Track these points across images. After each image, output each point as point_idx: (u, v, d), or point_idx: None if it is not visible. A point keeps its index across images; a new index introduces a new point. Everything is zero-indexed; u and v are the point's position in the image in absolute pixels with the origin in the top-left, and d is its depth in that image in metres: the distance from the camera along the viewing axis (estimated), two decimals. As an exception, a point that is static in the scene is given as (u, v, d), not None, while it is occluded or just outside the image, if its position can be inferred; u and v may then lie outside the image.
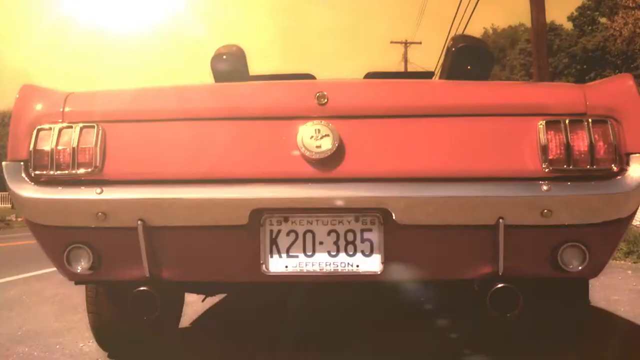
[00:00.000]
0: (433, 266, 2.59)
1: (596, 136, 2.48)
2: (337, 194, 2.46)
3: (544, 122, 2.50)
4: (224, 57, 3.37)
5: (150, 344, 3.44)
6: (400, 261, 2.53)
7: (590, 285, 4.40)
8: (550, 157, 2.48)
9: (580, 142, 2.49)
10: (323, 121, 2.52)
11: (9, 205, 45.58)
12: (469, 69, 3.26)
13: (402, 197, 2.45)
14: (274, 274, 2.53)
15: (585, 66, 45.48)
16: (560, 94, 2.65)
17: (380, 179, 2.49)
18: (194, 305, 4.56)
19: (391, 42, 46.65)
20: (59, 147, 2.59)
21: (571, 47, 46.17)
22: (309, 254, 2.53)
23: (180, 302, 3.60)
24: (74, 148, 2.58)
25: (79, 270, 2.68)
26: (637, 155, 2.49)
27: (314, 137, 2.49)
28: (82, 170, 2.58)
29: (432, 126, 2.55)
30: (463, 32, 21.35)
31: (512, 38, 60.84)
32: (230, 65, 3.32)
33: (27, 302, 5.40)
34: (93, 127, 2.60)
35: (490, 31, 64.59)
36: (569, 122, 2.50)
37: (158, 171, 2.57)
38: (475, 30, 66.02)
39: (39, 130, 2.64)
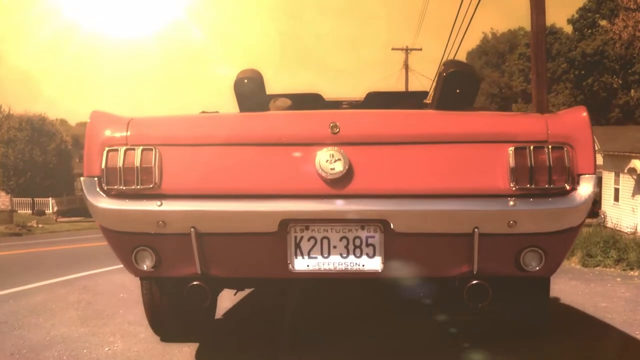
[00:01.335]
0: (423, 266, 3.22)
1: (554, 160, 3.07)
2: (347, 207, 3.09)
3: (513, 148, 3.08)
4: (245, 81, 3.81)
5: (194, 328, 4.20)
6: (396, 262, 3.18)
7: (579, 293, 4.96)
8: (517, 177, 3.06)
9: (541, 165, 3.06)
10: (336, 147, 3.13)
11: (29, 212, 45.90)
12: (457, 92, 3.69)
13: (398, 211, 3.08)
14: (298, 272, 3.18)
15: (583, 71, 45.68)
16: (527, 124, 3.22)
17: (381, 195, 3.10)
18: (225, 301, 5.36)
19: (392, 49, 46.72)
20: (125, 166, 3.17)
21: (570, 52, 46.33)
22: (325, 255, 3.18)
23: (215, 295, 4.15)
24: (137, 167, 3.17)
25: (144, 268, 3.30)
26: (586, 176, 3.09)
27: (328, 161, 3.11)
28: (144, 186, 3.16)
29: (422, 152, 3.16)
30: (463, 37, 22.11)
31: (511, 43, 60.89)
32: (251, 88, 3.78)
33: (53, 308, 5.59)
34: (152, 149, 3.18)
35: (490, 35, 64.71)
36: (533, 148, 3.08)
37: (206, 187, 3.16)
38: (475, 34, 66.26)
39: (108, 151, 3.21)
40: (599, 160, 34.15)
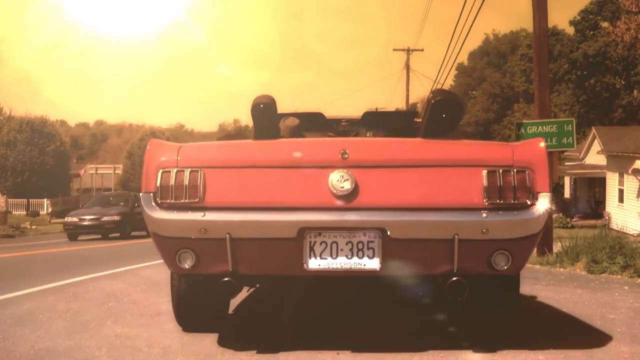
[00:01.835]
0: (413, 265, 3.94)
1: (518, 181, 3.85)
2: (353, 218, 3.85)
3: (486, 171, 3.86)
4: (261, 105, 4.45)
5: (215, 318, 4.80)
6: (392, 262, 3.89)
7: (585, 302, 4.91)
8: (489, 194, 3.84)
9: (508, 185, 3.85)
10: (345, 169, 3.90)
11: (24, 213, 45.81)
12: (444, 117, 4.28)
13: (394, 221, 3.83)
14: (312, 270, 3.90)
15: (585, 72, 45.48)
16: (497, 152, 4.03)
17: (380, 208, 3.86)
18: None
19: (394, 50, 46.67)
20: (176, 184, 3.95)
21: (572, 53, 46.13)
22: (334, 257, 3.90)
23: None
24: (185, 185, 3.94)
25: (185, 267, 4.02)
26: (543, 193, 3.89)
27: (339, 180, 3.87)
28: (190, 200, 3.93)
29: (413, 173, 3.94)
30: (465, 38, 22.26)
31: (513, 44, 60.73)
32: (265, 112, 4.42)
33: (40, 318, 5.39)
34: (197, 171, 3.95)
35: (492, 37, 64.56)
36: (501, 171, 3.87)
37: (240, 201, 3.93)
38: (477, 35, 66.18)
39: (162, 173, 3.99)
40: (603, 160, 34.02)
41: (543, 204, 3.88)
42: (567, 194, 42.38)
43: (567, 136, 13.31)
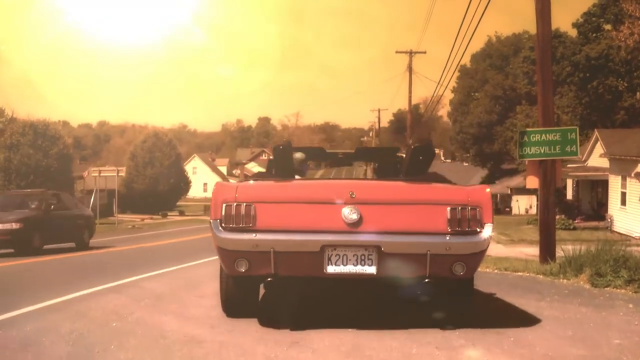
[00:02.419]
0: (399, 271, 5.58)
1: (471, 215, 5.56)
2: (358, 239, 5.54)
3: (449, 208, 5.58)
4: (281, 147, 6.78)
5: (251, 307, 6.34)
6: (384, 269, 5.55)
7: (591, 324, 6.06)
8: (451, 223, 5.55)
9: (464, 218, 5.55)
10: (353, 205, 5.57)
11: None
12: (420, 159, 6.75)
13: (386, 241, 5.52)
14: (329, 273, 5.56)
15: (588, 74, 45.39)
16: (457, 194, 5.76)
17: (376, 232, 5.53)
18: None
19: (396, 52, 46.70)
20: (235, 214, 5.57)
21: (574, 55, 46.04)
22: (345, 265, 5.57)
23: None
24: (242, 215, 5.57)
25: (241, 271, 5.64)
26: (488, 224, 5.62)
27: (349, 213, 5.55)
28: (245, 225, 5.56)
29: (400, 208, 5.68)
30: (469, 41, 22.84)
31: (515, 46, 60.72)
32: (283, 152, 6.75)
33: (43, 342, 5.31)
34: (250, 205, 5.58)
35: (494, 39, 64.58)
36: (460, 208, 5.58)
37: (280, 226, 5.58)
38: (479, 37, 66.05)
39: (225, 205, 5.61)
40: (605, 163, 33.95)
41: (487, 231, 5.65)
42: (569, 195, 42.33)
43: (571, 144, 13.27)
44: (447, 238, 5.51)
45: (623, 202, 31.49)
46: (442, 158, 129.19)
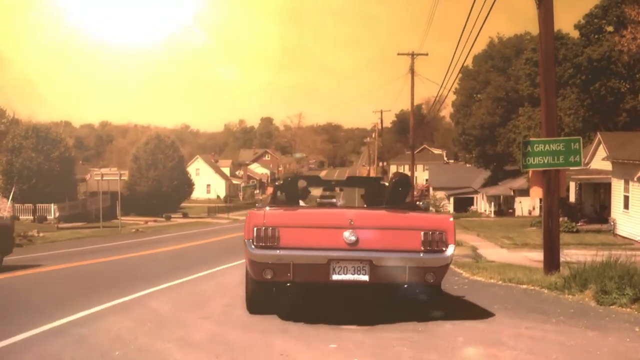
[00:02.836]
0: (385, 279, 7.29)
1: (439, 238, 7.39)
2: (355, 255, 7.28)
3: (423, 232, 7.37)
4: (289, 179, 9.34)
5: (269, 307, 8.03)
6: (375, 277, 7.27)
7: (597, 352, 6.09)
8: (424, 244, 7.34)
9: (433, 240, 7.37)
10: (352, 230, 7.30)
11: (31, 217, 46.09)
12: (400, 190, 8.80)
13: (376, 257, 7.28)
14: (334, 280, 7.27)
15: (590, 76, 45.26)
16: (429, 222, 7.65)
17: (369, 250, 7.30)
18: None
19: (398, 54, 46.57)
20: (263, 235, 7.27)
21: (577, 57, 45.90)
22: (345, 274, 7.29)
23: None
24: (268, 236, 7.27)
25: (267, 278, 7.31)
26: (451, 245, 7.45)
27: (349, 235, 7.27)
28: (271, 244, 7.27)
29: (386, 232, 7.48)
30: (473, 43, 22.81)
31: (517, 47, 60.57)
32: (291, 182, 9.20)
33: None
34: (275, 228, 7.27)
35: (496, 40, 64.44)
36: (431, 232, 7.38)
37: (297, 245, 7.29)
38: (481, 39, 65.89)
39: (256, 229, 7.27)
40: (608, 165, 33.87)
41: (451, 250, 7.51)
42: (572, 198, 42.24)
43: (575, 154, 13.20)
44: (421, 255, 7.42)
45: (626, 206, 31.40)
46: (445, 158, 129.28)
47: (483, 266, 16.16)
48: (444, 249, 7.41)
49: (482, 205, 69.00)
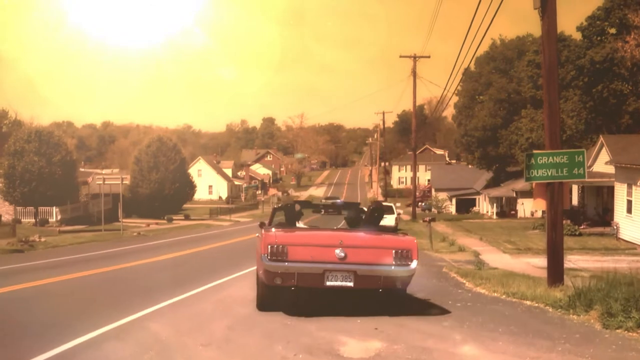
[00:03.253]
0: (366, 284, 9.83)
1: (405, 254, 9.98)
2: (344, 267, 9.74)
3: (393, 250, 9.91)
4: (288, 205, 11.42)
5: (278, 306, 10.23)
6: (358, 284, 9.77)
7: None
8: (395, 259, 9.86)
9: (401, 256, 9.89)
10: (341, 248, 9.78)
11: (32, 220, 46.11)
12: (375, 215, 11.35)
13: (359, 268, 9.77)
14: (327, 285, 9.73)
15: (592, 78, 45.14)
16: (398, 243, 10.10)
17: (354, 263, 9.76)
18: None
19: (400, 57, 46.50)
20: (275, 251, 9.66)
21: (579, 59, 45.80)
22: (335, 281, 9.73)
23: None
24: (279, 252, 9.68)
25: (277, 283, 9.73)
26: (414, 260, 9.95)
27: (339, 252, 9.73)
28: (281, 258, 9.68)
29: (366, 250, 9.99)
30: (478, 46, 22.51)
31: (519, 49, 60.42)
32: (291, 207, 11.39)
33: None
34: (284, 246, 9.68)
35: (498, 42, 64.29)
36: (400, 251, 9.91)
37: (300, 259, 9.69)
38: (483, 40, 65.79)
39: (270, 246, 9.68)
40: (611, 169, 33.73)
41: (414, 264, 9.85)
42: (575, 201, 42.10)
43: (578, 167, 13.11)
44: (392, 267, 9.83)
45: (629, 210, 31.26)
46: (447, 159, 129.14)
47: (486, 275, 16.06)
48: (409, 263, 9.88)
49: (485, 206, 68.89)
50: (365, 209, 12.35)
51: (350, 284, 9.64)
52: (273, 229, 10.37)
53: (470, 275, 16.35)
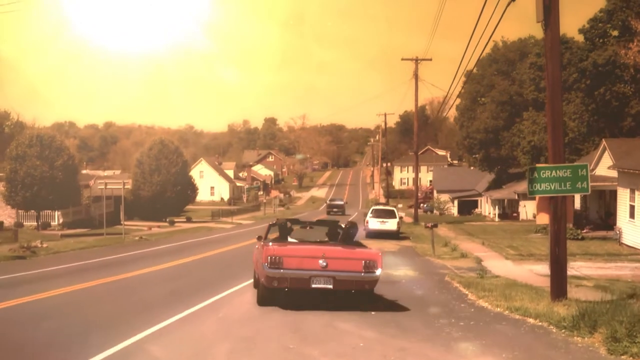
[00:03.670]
0: (344, 286, 12.95)
1: (371, 264, 12.92)
2: (326, 273, 12.76)
3: (363, 261, 12.95)
4: (281, 222, 15.17)
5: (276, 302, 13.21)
6: (336, 286, 12.84)
7: None
8: (364, 268, 12.87)
9: (369, 265, 12.89)
10: (324, 259, 12.79)
11: (34, 224, 46.15)
12: (350, 232, 14.99)
13: (338, 274, 12.81)
14: (313, 287, 12.82)
15: (595, 81, 45.04)
16: (367, 254, 13.23)
17: (333, 270, 12.79)
18: None
19: (402, 59, 46.41)
20: (273, 261, 12.60)
21: (581, 62, 45.69)
22: (319, 284, 12.79)
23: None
24: (276, 262, 12.62)
25: (274, 285, 12.74)
26: (379, 268, 13.01)
27: (322, 262, 12.74)
28: (277, 266, 12.60)
29: (343, 260, 13.05)
30: (483, 49, 22.59)
31: (521, 51, 60.34)
32: (284, 224, 15.10)
33: None
34: (281, 257, 12.69)
35: (500, 44, 64.20)
36: (367, 261, 12.95)
37: (292, 267, 12.67)
38: (485, 42, 65.79)
39: (269, 257, 12.78)
40: (613, 172, 33.61)
41: (379, 271, 12.89)
42: (577, 205, 41.99)
43: (582, 181, 13.07)
44: (362, 274, 12.69)
45: (632, 215, 31.14)
46: (449, 159, 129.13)
47: (489, 286, 16.00)
48: (375, 271, 12.81)
49: (487, 208, 68.82)
50: (343, 226, 15.38)
51: (330, 286, 12.71)
52: (270, 243, 13.49)
53: (473, 285, 16.30)
